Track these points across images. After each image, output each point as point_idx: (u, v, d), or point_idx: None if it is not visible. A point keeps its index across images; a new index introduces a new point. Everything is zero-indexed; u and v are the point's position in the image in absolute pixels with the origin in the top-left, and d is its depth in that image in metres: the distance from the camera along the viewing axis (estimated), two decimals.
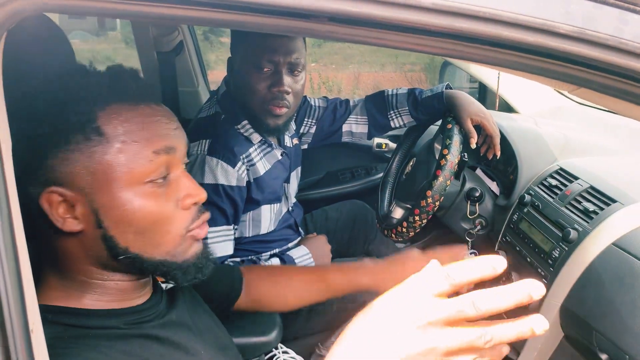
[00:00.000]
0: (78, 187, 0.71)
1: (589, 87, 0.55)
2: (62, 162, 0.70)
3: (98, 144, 0.70)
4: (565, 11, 0.49)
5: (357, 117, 1.83)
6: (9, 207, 0.49)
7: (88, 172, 0.71)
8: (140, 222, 0.74)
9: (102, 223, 0.73)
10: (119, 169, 0.72)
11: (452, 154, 1.44)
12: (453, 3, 0.50)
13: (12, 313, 0.46)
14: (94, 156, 0.70)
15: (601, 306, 1.14)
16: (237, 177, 1.42)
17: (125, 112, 0.73)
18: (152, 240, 0.76)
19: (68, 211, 0.72)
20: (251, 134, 1.50)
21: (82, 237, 0.74)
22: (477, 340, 0.51)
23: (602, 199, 1.29)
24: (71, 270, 0.76)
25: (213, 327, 0.97)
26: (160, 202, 0.75)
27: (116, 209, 0.72)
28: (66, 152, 0.70)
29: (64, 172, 0.70)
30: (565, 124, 1.89)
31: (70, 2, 0.53)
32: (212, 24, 0.55)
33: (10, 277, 0.46)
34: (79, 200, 0.71)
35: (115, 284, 0.78)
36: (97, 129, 0.70)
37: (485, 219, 1.66)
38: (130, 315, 0.79)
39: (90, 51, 9.72)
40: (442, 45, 0.56)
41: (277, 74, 1.42)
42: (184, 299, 0.93)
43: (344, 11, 0.51)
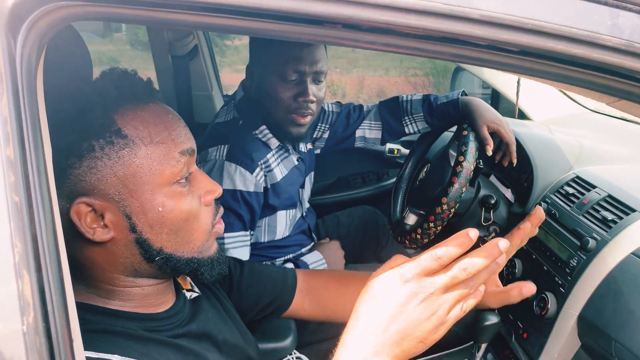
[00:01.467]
0: (107, 195, 0.71)
1: (630, 99, 0.55)
2: (88, 171, 0.70)
3: (124, 147, 0.71)
4: (613, 24, 0.48)
5: (370, 123, 1.83)
6: (53, 215, 0.49)
7: (117, 178, 0.71)
8: (173, 222, 0.76)
9: (136, 227, 0.74)
10: (149, 171, 0.73)
11: (468, 161, 1.44)
12: (498, 15, 0.50)
13: (57, 322, 0.46)
14: (122, 160, 0.71)
15: (620, 316, 1.13)
16: (255, 184, 1.42)
17: (140, 113, 0.74)
18: (184, 238, 0.78)
19: (96, 221, 0.72)
20: (269, 139, 1.50)
21: (111, 245, 0.74)
22: (459, 273, 0.65)
23: (620, 207, 1.29)
24: (96, 279, 0.76)
25: (240, 343, 0.96)
26: (188, 201, 0.77)
27: (150, 211, 0.74)
28: (92, 160, 0.70)
29: (91, 181, 0.70)
30: (579, 132, 1.89)
31: (111, 10, 0.53)
32: (226, 30, 0.55)
33: (55, 287, 0.46)
34: (108, 207, 0.72)
35: (140, 289, 0.79)
36: (119, 132, 0.71)
37: (500, 226, 1.66)
38: (151, 322, 0.79)
39: (95, 52, 9.74)
40: (483, 56, 0.56)
41: (303, 84, 1.43)
42: (209, 312, 0.92)
43: (360, 18, 0.51)
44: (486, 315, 1.47)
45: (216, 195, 0.82)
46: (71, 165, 0.69)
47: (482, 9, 0.49)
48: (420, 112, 1.75)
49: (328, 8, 0.51)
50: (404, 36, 0.51)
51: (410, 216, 1.69)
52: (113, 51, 10.25)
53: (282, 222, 1.56)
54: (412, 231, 1.54)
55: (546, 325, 1.36)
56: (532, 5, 0.49)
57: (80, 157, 0.69)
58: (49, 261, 0.46)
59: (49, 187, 0.49)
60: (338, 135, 1.85)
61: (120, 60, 9.90)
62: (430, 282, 0.65)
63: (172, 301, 0.86)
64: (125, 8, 0.52)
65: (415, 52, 0.55)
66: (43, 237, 0.46)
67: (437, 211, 1.44)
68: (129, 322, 0.76)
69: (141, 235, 0.74)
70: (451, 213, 1.45)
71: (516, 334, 1.53)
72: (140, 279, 0.79)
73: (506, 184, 1.77)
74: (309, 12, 0.52)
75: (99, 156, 0.70)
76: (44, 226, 0.47)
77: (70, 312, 0.48)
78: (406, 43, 0.52)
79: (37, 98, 0.51)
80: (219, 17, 0.55)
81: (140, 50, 9.45)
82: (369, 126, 1.84)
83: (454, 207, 1.44)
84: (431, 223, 1.46)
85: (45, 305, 0.45)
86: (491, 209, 1.62)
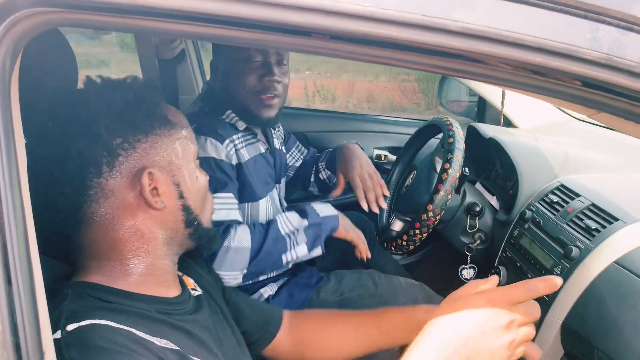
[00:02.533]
0: (163, 166, 0.84)
1: (610, 112, 0.55)
2: (152, 145, 0.82)
3: (172, 128, 0.86)
4: (592, 37, 0.49)
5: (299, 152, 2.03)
6: (25, 224, 0.48)
7: (169, 151, 0.85)
8: (201, 190, 0.91)
9: (183, 194, 0.87)
10: (188, 147, 0.88)
11: (454, 168, 1.44)
12: (478, 27, 0.50)
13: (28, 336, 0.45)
14: (172, 137, 0.85)
15: (603, 325, 1.14)
16: (225, 154, 1.45)
17: (170, 109, 0.89)
18: (206, 206, 0.94)
19: (152, 192, 0.82)
20: (236, 121, 1.53)
21: (160, 214, 0.84)
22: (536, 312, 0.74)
23: (604, 216, 1.29)
24: (129, 254, 0.82)
25: (236, 348, 0.98)
26: (202, 174, 0.93)
27: (191, 179, 0.88)
28: (154, 136, 0.83)
29: (153, 155, 0.83)
30: (564, 140, 1.90)
31: (91, 17, 0.52)
32: (215, 39, 0.56)
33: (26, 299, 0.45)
34: (163, 179, 0.83)
35: (162, 268, 0.87)
36: (166, 117, 0.86)
37: (485, 234, 1.67)
38: (162, 304, 0.84)
39: (84, 54, 9.69)
40: (462, 67, 0.56)
41: (267, 64, 1.47)
42: (210, 311, 0.97)
43: (340, 29, 0.51)
44: None
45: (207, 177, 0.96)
46: (140, 140, 0.81)
47: (461, 21, 0.49)
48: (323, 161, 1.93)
49: (309, 19, 0.51)
50: (384, 47, 0.51)
51: (397, 222, 1.70)
52: (102, 53, 10.20)
53: (264, 213, 1.56)
54: (398, 237, 1.54)
55: None
56: (512, 18, 0.49)
57: (146, 133, 0.82)
58: (20, 272, 0.45)
59: (22, 195, 0.48)
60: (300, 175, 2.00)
61: (109, 63, 9.85)
62: (517, 312, 0.71)
63: (179, 291, 0.92)
64: (103, 15, 0.51)
65: (395, 63, 0.55)
66: (14, 247, 0.45)
67: (423, 218, 1.45)
68: (142, 302, 0.81)
69: (186, 201, 0.87)
70: (437, 220, 1.45)
71: None
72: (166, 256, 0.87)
73: (491, 191, 1.78)
74: (292, 22, 0.52)
75: (158, 133, 0.83)
76: (14, 236, 0.46)
77: (42, 325, 0.47)
78: (386, 54, 0.52)
79: (12, 105, 0.50)
80: (200, 26, 0.55)
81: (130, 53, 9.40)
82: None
83: (440, 214, 1.44)
84: (417, 230, 1.47)
85: (14, 319, 0.44)
86: (476, 216, 1.63)
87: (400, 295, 1.66)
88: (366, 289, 1.65)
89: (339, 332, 1.14)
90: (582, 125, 2.09)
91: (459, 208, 1.64)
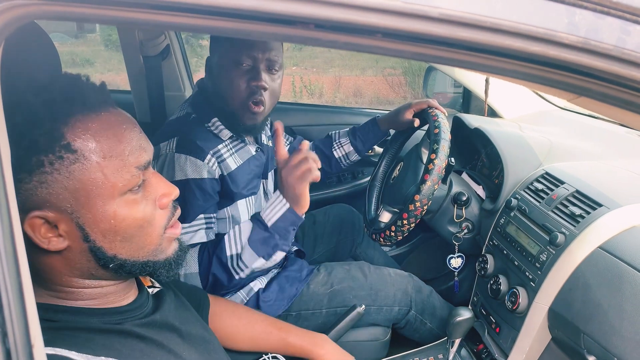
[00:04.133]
0: (59, 208, 0.71)
1: (589, 96, 0.56)
2: (39, 186, 0.69)
3: (75, 162, 0.70)
4: (569, 22, 0.49)
5: None
6: (10, 216, 0.48)
7: (68, 191, 0.70)
8: (127, 229, 0.76)
9: (89, 237, 0.74)
10: (102, 185, 0.72)
11: (440, 159, 1.45)
12: (457, 13, 0.50)
13: (15, 328, 0.45)
14: (72, 175, 0.70)
15: (589, 309, 1.16)
16: (207, 170, 1.42)
17: (91, 124, 0.72)
18: (138, 244, 0.79)
19: (51, 230, 0.72)
20: (221, 130, 1.51)
21: (67, 253, 0.74)
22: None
23: (588, 203, 1.31)
24: (55, 283, 0.77)
25: (205, 336, 0.97)
26: (141, 207, 0.78)
27: (102, 222, 0.74)
28: (42, 175, 0.68)
29: (43, 195, 0.69)
30: (548, 129, 1.92)
31: (69, 9, 0.52)
32: (197, 30, 0.55)
33: (13, 293, 0.45)
34: (61, 219, 0.72)
35: (100, 289, 0.80)
36: (67, 146, 0.69)
37: (472, 223, 1.68)
38: (113, 315, 0.80)
39: (69, 53, 9.60)
40: (442, 54, 0.56)
41: (255, 69, 1.44)
42: (172, 304, 0.94)
43: (320, 17, 0.51)
44: (459, 311, 1.49)
45: (172, 197, 0.83)
46: (21, 179, 0.68)
47: (441, 7, 0.49)
48: (346, 136, 1.93)
49: (293, 8, 0.51)
50: (365, 35, 0.51)
51: (385, 214, 1.71)
52: (87, 52, 10.11)
53: (244, 210, 1.56)
54: (387, 228, 1.55)
55: (518, 320, 1.38)
56: (490, 4, 0.50)
57: (30, 172, 0.68)
58: (7, 266, 0.45)
59: (7, 192, 0.48)
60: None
61: (95, 62, 9.77)
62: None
63: (135, 295, 0.87)
64: (85, 7, 0.51)
65: (377, 51, 0.55)
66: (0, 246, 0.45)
67: (411, 208, 1.46)
68: (91, 317, 0.77)
69: (94, 244, 0.74)
70: (424, 210, 1.46)
71: (489, 329, 1.55)
72: (99, 281, 0.80)
73: (477, 181, 1.80)
74: (276, 11, 0.52)
75: (48, 171, 0.69)
76: (1, 234, 0.46)
77: (29, 318, 0.47)
78: (367, 42, 0.52)
79: None
80: (183, 16, 0.54)
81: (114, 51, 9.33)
82: None
83: (427, 204, 1.45)
84: (405, 220, 1.48)
85: (1, 312, 0.44)
86: (463, 205, 1.64)
87: (390, 285, 1.67)
88: (356, 281, 1.66)
89: (247, 328, 1.25)
90: (565, 114, 2.11)
91: (445, 198, 1.65)
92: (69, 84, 0.74)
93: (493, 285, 1.49)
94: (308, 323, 1.61)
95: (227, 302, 1.29)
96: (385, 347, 1.70)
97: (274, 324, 1.29)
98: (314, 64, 10.70)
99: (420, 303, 1.71)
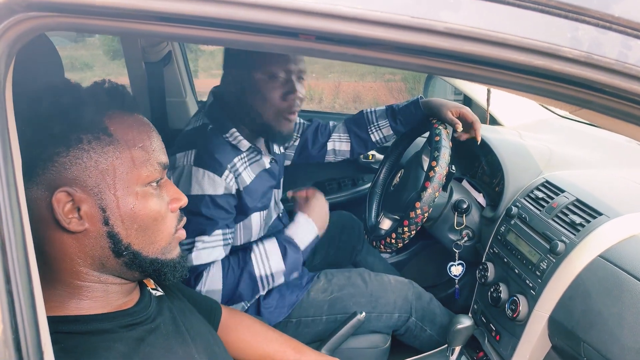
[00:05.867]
0: (87, 186, 0.75)
1: (591, 108, 0.57)
2: (74, 161, 0.74)
3: (109, 144, 0.76)
4: (572, 36, 0.50)
5: (339, 136, 1.90)
6: (23, 227, 0.49)
7: (99, 170, 0.76)
8: (143, 219, 0.81)
9: (109, 220, 0.78)
10: (129, 170, 0.78)
11: (441, 166, 1.46)
12: (463, 27, 0.51)
13: (27, 335, 0.46)
14: (106, 155, 0.76)
15: (589, 317, 1.17)
16: (224, 186, 1.42)
17: (126, 118, 0.80)
18: (150, 237, 0.83)
19: (72, 211, 0.75)
20: (240, 141, 1.49)
21: (82, 237, 0.77)
22: None
23: (588, 211, 1.32)
24: (65, 273, 0.78)
25: (206, 335, 0.99)
26: (158, 202, 0.83)
27: (123, 206, 0.78)
28: (78, 151, 0.74)
29: (75, 171, 0.74)
30: (549, 137, 1.93)
31: (83, 21, 0.53)
32: (203, 41, 0.56)
33: (25, 300, 0.46)
34: (85, 199, 0.75)
35: (106, 287, 0.82)
36: (106, 130, 0.76)
37: (472, 230, 1.69)
38: (123, 318, 0.82)
39: (68, 57, 9.60)
40: (448, 67, 0.57)
41: (290, 82, 1.45)
42: (174, 305, 0.97)
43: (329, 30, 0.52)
44: (459, 318, 1.49)
45: (181, 204, 0.88)
46: (58, 153, 0.73)
47: (447, 22, 0.50)
48: (385, 119, 1.83)
49: (297, 20, 0.52)
50: (372, 48, 0.52)
51: (385, 221, 1.72)
52: (86, 56, 10.11)
53: (257, 222, 1.56)
54: (387, 236, 1.56)
55: (518, 328, 1.39)
56: (495, 18, 0.51)
57: (68, 147, 0.73)
58: (19, 273, 0.46)
59: (19, 198, 0.49)
60: (309, 148, 1.89)
61: (93, 66, 9.78)
62: None
63: (138, 297, 0.90)
64: (97, 19, 0.52)
65: (383, 63, 0.56)
66: (12, 248, 0.46)
67: (411, 216, 1.46)
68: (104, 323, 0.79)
69: (113, 228, 0.78)
70: (425, 217, 1.47)
71: (489, 337, 1.55)
72: (106, 276, 0.82)
73: (478, 188, 1.80)
74: (280, 24, 0.53)
75: (85, 148, 0.74)
76: (12, 237, 0.46)
77: (40, 325, 0.48)
78: (374, 55, 0.53)
79: (7, 107, 0.50)
80: (191, 28, 0.55)
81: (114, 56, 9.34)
82: (338, 139, 1.91)
83: (428, 211, 1.46)
84: (405, 227, 1.48)
85: (14, 317, 0.45)
86: (463, 213, 1.65)
87: (390, 292, 1.68)
88: (356, 288, 1.66)
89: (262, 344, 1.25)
90: (566, 123, 2.12)
91: (446, 205, 1.66)
92: (110, 85, 0.83)
93: (493, 293, 1.49)
94: (308, 330, 1.61)
95: (243, 316, 1.29)
96: (385, 354, 1.70)
97: (289, 343, 1.28)
98: (313, 69, 10.71)
99: (421, 310, 1.71)
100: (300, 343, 1.31)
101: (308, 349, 1.30)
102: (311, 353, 1.29)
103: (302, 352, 1.28)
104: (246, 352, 1.23)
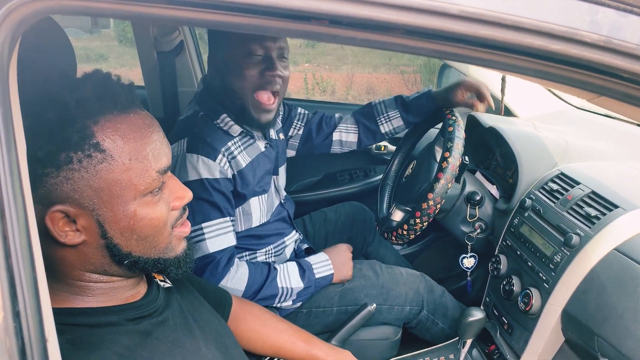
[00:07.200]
0: (81, 204, 0.73)
1: (610, 95, 0.55)
2: (65, 182, 0.71)
3: (102, 161, 0.72)
4: (591, 20, 0.48)
5: (347, 126, 1.90)
6: (26, 214, 0.48)
7: (92, 189, 0.72)
8: (143, 229, 0.79)
9: (107, 234, 0.76)
10: (125, 186, 0.74)
11: (454, 157, 1.44)
12: (477, 10, 0.50)
13: (30, 322, 0.45)
14: (99, 174, 0.72)
15: (603, 311, 1.14)
16: (220, 170, 1.42)
17: (120, 126, 0.73)
18: (152, 242, 0.81)
19: (68, 224, 0.73)
20: (231, 126, 1.50)
21: (82, 247, 0.76)
22: None
23: (604, 204, 1.30)
24: (68, 277, 0.78)
25: (216, 326, 0.98)
26: (158, 208, 0.80)
27: (122, 220, 0.76)
28: (69, 171, 0.70)
29: (67, 191, 0.71)
30: (564, 129, 1.90)
31: (87, 4, 0.52)
32: (214, 26, 0.55)
33: (28, 287, 0.46)
34: (81, 214, 0.73)
35: (112, 284, 0.82)
36: (97, 145, 0.71)
37: (485, 223, 1.67)
38: (129, 311, 0.82)
39: (83, 49, 9.66)
40: (462, 52, 0.56)
41: (269, 59, 1.43)
42: (183, 297, 0.96)
43: (340, 13, 0.51)
44: (471, 311, 1.48)
45: (185, 201, 0.85)
46: (48, 174, 0.70)
47: (461, 5, 0.49)
48: (395, 109, 1.82)
49: (308, 3, 0.51)
50: (383, 32, 0.51)
51: (397, 212, 1.70)
52: (101, 47, 10.18)
53: (256, 208, 1.56)
54: (399, 227, 1.54)
55: (530, 321, 1.37)
56: (511, 1, 0.49)
57: (58, 167, 0.70)
58: (21, 261, 0.45)
59: (22, 186, 0.49)
60: (313, 137, 1.89)
61: (108, 57, 9.84)
62: None
63: (145, 289, 0.89)
64: (101, 2, 0.51)
65: (395, 48, 0.54)
66: (15, 236, 0.45)
67: (423, 207, 1.45)
68: (109, 316, 0.79)
69: (111, 240, 0.77)
70: (437, 209, 1.45)
71: (501, 330, 1.54)
72: (110, 277, 0.81)
73: (491, 180, 1.78)
74: (292, 7, 0.51)
75: (76, 168, 0.71)
76: (15, 225, 0.46)
77: (44, 312, 0.47)
78: (385, 39, 0.52)
79: (10, 94, 0.50)
80: (201, 12, 0.54)
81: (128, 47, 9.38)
82: (345, 129, 1.90)
83: (440, 202, 1.44)
84: (417, 219, 1.47)
85: (16, 305, 0.44)
86: (476, 205, 1.63)
87: (401, 285, 1.67)
88: (367, 279, 1.65)
89: (272, 334, 1.26)
90: (582, 114, 2.08)
91: (459, 197, 1.64)
92: (101, 82, 0.75)
93: (506, 286, 1.47)
94: (319, 320, 1.61)
95: (253, 306, 1.29)
96: (396, 347, 1.69)
97: (299, 334, 1.29)
98: (326, 60, 10.68)
99: (432, 303, 1.70)
100: (310, 334, 1.31)
101: (318, 340, 1.30)
102: (321, 344, 1.29)
103: (312, 343, 1.28)
104: (256, 342, 1.23)
